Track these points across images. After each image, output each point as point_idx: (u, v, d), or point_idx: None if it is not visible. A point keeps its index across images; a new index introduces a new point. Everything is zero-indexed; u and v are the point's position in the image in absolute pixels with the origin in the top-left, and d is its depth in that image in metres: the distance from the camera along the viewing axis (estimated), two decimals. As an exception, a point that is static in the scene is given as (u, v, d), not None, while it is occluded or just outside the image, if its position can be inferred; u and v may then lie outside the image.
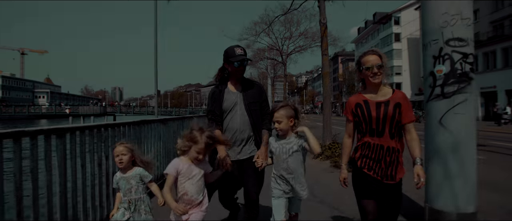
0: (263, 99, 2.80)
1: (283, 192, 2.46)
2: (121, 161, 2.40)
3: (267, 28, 17.61)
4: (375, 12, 57.67)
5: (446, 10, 2.74)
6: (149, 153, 4.47)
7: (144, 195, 2.48)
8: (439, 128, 2.82)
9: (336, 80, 79.39)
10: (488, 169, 6.94)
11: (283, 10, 16.13)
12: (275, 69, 29.38)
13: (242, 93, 2.73)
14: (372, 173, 2.17)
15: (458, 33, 2.71)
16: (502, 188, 5.23)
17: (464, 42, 2.72)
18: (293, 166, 2.41)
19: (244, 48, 2.74)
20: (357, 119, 2.22)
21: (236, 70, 2.66)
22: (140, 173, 2.45)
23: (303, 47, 21.12)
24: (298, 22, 19.11)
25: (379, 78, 2.14)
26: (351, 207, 3.84)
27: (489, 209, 3.96)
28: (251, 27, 19.16)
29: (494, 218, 3.57)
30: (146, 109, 61.65)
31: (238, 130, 2.68)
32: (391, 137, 2.13)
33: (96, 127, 3.08)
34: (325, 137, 7.95)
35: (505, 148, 10.16)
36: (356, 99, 2.25)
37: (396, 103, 2.13)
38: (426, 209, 2.97)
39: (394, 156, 2.13)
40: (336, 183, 4.90)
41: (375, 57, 2.14)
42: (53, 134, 2.46)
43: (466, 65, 2.72)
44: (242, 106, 2.70)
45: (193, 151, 2.19)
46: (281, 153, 2.43)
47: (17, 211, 2.05)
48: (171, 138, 5.50)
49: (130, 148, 2.47)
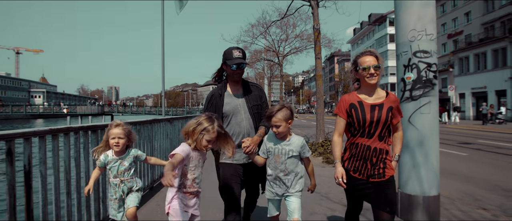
0: (263, 101, 2.79)
1: (276, 194, 2.46)
2: (117, 144, 2.30)
3: (264, 32, 18.14)
4: (370, 13, 58.43)
5: (413, 27, 3.29)
6: (158, 148, 4.99)
7: (136, 176, 2.47)
8: (409, 126, 3.36)
9: (332, 80, 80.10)
10: (466, 163, 7.56)
11: (279, 13, 16.69)
12: (272, 70, 29.91)
13: (244, 97, 2.70)
14: (357, 174, 2.20)
15: (423, 46, 3.26)
16: (473, 180, 5.84)
17: (428, 53, 3.26)
18: (291, 168, 2.40)
19: (243, 50, 2.70)
20: (350, 119, 2.22)
21: (233, 73, 2.63)
22: (135, 153, 2.40)
23: (299, 49, 21.70)
24: (294, 25, 19.69)
25: (376, 79, 2.13)
26: (338, 195, 4.39)
27: (457, 195, 4.54)
28: (249, 29, 19.69)
29: (458, 200, 4.13)
30: (143, 108, 61.75)
31: (245, 134, 2.64)
32: (379, 139, 2.16)
33: (106, 127, 3.42)
34: (318, 135, 8.49)
35: (489, 146, 10.78)
36: (350, 98, 2.24)
37: (390, 107, 2.16)
38: (399, 194, 3.51)
39: (381, 157, 2.16)
40: (326, 175, 5.48)
41: (372, 58, 2.14)
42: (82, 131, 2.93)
43: (430, 73, 3.27)
44: (246, 110, 2.67)
45: (204, 140, 2.12)
46: (280, 153, 2.40)
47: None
48: (176, 135, 6.02)
49: (128, 131, 2.39)
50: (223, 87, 2.72)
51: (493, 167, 7.06)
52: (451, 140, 12.61)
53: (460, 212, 3.74)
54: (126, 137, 2.35)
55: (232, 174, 2.61)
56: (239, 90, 2.73)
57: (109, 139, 2.32)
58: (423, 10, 3.25)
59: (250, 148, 2.42)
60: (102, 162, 2.38)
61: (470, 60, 31.21)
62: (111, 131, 2.32)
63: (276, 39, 21.27)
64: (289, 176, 2.40)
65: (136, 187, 2.48)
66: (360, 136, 2.18)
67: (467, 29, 32.71)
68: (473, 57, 30.80)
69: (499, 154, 9.01)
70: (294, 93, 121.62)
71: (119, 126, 2.34)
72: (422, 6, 3.25)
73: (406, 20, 3.34)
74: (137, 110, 60.42)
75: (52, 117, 56.96)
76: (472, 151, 9.51)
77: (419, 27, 3.26)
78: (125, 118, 5.21)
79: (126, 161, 2.37)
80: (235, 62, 2.56)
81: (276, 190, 2.44)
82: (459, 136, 14.47)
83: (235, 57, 2.59)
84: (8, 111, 51.94)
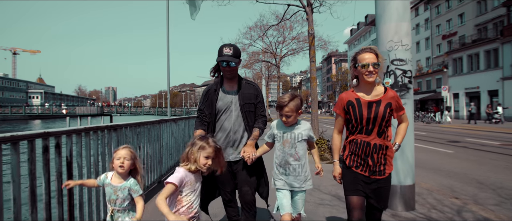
0: (258, 100, 2.75)
1: (285, 183, 2.38)
2: (122, 165, 2.19)
3: (262, 35, 18.67)
4: (367, 14, 59.08)
5: (391, 38, 3.79)
6: (165, 145, 5.47)
7: (129, 208, 2.25)
8: (388, 124, 3.86)
9: (329, 80, 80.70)
10: (449, 160, 8.09)
11: (276, 16, 17.21)
12: (269, 70, 30.42)
13: (238, 94, 2.69)
14: (360, 170, 2.20)
15: (399, 55, 3.76)
16: (454, 174, 6.37)
17: (404, 62, 3.76)
18: (301, 153, 2.35)
19: (236, 47, 2.63)
20: (348, 116, 2.23)
21: (223, 70, 2.63)
22: (131, 186, 2.22)
23: (295, 51, 22.22)
24: (290, 27, 20.20)
25: (374, 77, 2.13)
26: (328, 188, 4.89)
27: (436, 187, 5.05)
28: (247, 31, 20.19)
29: (436, 191, 4.64)
30: (142, 109, 62.07)
31: (231, 130, 2.65)
32: (379, 135, 2.16)
33: (124, 126, 3.71)
34: (313, 133, 9.01)
35: (475, 144, 11.33)
36: (348, 96, 2.24)
37: (388, 103, 2.15)
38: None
39: (381, 153, 2.16)
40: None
41: (372, 56, 2.14)
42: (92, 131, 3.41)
43: (405, 78, 3.77)
44: (237, 106, 2.67)
45: (202, 157, 2.08)
46: (289, 138, 2.35)
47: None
48: (180, 134, 6.51)
49: (134, 155, 2.29)
50: (219, 82, 2.74)
51: (475, 163, 7.59)
52: (442, 138, 13.17)
53: (434, 200, 4.24)
54: (132, 159, 2.24)
55: (225, 172, 2.52)
56: (234, 87, 2.73)
57: (115, 160, 2.21)
58: (399, 24, 3.75)
59: (251, 157, 2.47)
60: (101, 181, 2.28)
61: (464, 60, 31.85)
62: (117, 152, 2.23)
63: (274, 41, 21.80)
64: (300, 162, 2.35)
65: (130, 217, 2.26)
66: (359, 133, 2.19)
67: (461, 30, 33.37)
68: (467, 58, 31.44)
69: (482, 151, 9.55)
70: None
71: (127, 148, 2.26)
72: (399, 21, 3.76)
73: (385, 33, 3.84)
74: (136, 111, 60.85)
75: (51, 118, 57.17)
76: (458, 149, 10.06)
77: (396, 39, 3.77)
78: (125, 119, 5.61)
79: (119, 191, 2.20)
80: (223, 59, 2.55)
81: (285, 178, 2.38)
82: (449, 135, 15.05)
83: (224, 54, 2.56)
84: (8, 112, 52.08)
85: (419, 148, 10.10)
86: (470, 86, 30.88)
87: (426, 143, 11.75)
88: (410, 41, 3.84)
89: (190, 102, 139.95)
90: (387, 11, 3.77)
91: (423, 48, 41.47)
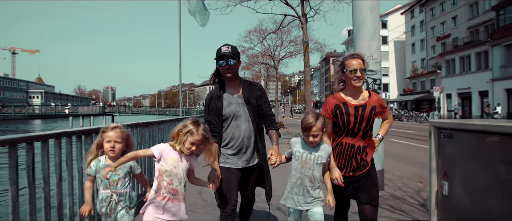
0: (264, 101, 2.66)
1: (298, 203, 2.31)
2: (112, 149, 2.07)
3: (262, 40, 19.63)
4: (364, 16, 59.84)
5: (365, 53, 4.75)
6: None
7: (130, 189, 2.20)
8: (362, 122, 4.82)
9: (328, 81, 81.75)
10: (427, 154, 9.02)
11: (275, 21, 18.15)
12: (268, 71, 31.38)
13: (244, 99, 2.57)
14: (344, 172, 2.28)
15: (371, 67, 4.72)
16: (426, 165, 7.27)
17: (374, 72, 4.72)
18: (317, 176, 2.30)
19: (234, 47, 2.53)
20: (335, 120, 2.29)
21: (222, 70, 2.52)
22: (131, 162, 2.15)
23: (293, 53, 23.20)
24: (288, 31, 21.18)
25: (361, 82, 2.22)
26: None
27: (408, 175, 6.00)
28: (247, 35, 21.16)
29: (406, 178, 5.59)
30: (143, 109, 62.88)
31: (245, 137, 2.54)
32: (363, 137, 2.26)
33: (137, 126, 3.88)
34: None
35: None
36: (335, 100, 2.31)
37: (373, 106, 2.26)
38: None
39: (365, 154, 2.28)
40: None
41: (359, 61, 2.23)
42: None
43: (375, 85, 4.73)
44: (246, 112, 2.56)
45: (188, 142, 2.06)
46: (309, 159, 2.28)
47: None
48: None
49: (127, 135, 2.18)
50: (221, 88, 2.59)
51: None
52: (426, 136, 14.11)
53: (402, 184, 5.20)
54: (124, 141, 2.13)
55: (229, 179, 2.50)
56: (238, 91, 2.60)
57: (104, 142, 2.09)
58: (371, 43, 4.72)
59: (277, 162, 2.40)
60: (93, 170, 2.11)
61: (456, 62, 32.86)
62: (106, 134, 2.11)
63: (272, 44, 22.77)
64: (314, 184, 2.29)
65: (130, 204, 2.19)
66: (345, 135, 2.28)
67: (454, 32, 34.36)
68: (459, 60, 32.45)
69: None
70: (291, 93, 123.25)
71: (116, 128, 2.13)
72: (370, 40, 4.73)
73: (360, 48, 4.81)
74: (137, 111, 61.64)
75: (52, 117, 57.82)
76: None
77: (368, 54, 4.73)
78: (125, 119, 6.12)
79: (120, 170, 2.10)
80: (221, 56, 2.47)
81: (298, 198, 2.31)
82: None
83: (222, 52, 2.47)
84: (11, 112, 52.68)
85: (405, 145, 11.05)
86: (462, 87, 31.90)
87: (413, 140, 12.72)
88: (379, 55, 4.82)
89: (189, 102, 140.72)
90: (361, 32, 4.75)
91: (418, 50, 42.49)
